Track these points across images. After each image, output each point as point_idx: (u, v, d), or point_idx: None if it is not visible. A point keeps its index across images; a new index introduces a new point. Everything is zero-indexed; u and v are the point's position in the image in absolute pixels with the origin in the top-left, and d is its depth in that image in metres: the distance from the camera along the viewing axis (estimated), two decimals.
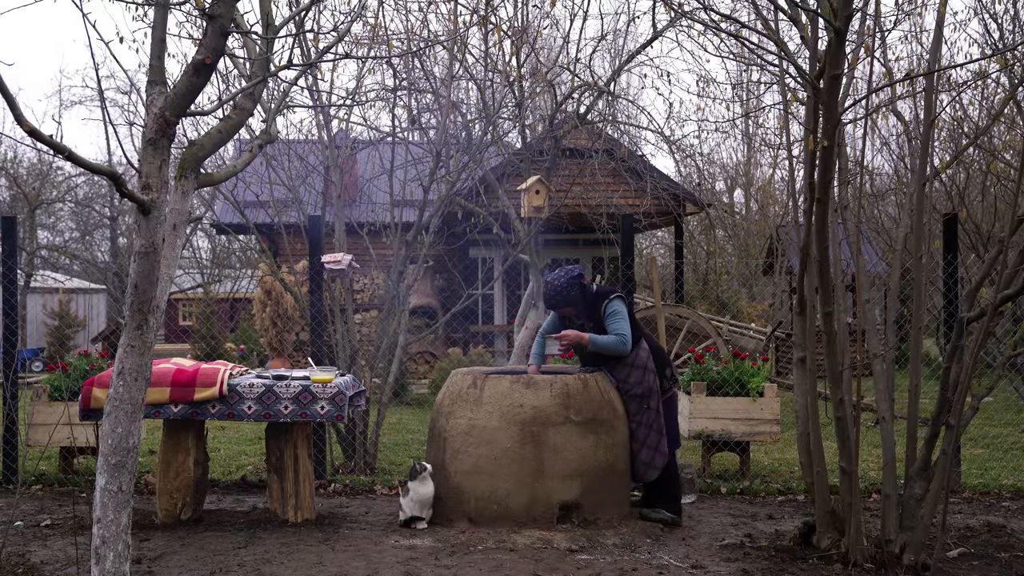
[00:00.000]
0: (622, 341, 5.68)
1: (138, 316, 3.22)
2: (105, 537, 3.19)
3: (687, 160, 20.56)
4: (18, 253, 7.64)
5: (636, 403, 5.72)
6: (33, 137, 2.79)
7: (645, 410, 5.72)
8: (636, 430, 5.73)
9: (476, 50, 9.10)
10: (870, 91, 4.95)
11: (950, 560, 4.88)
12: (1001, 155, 10.59)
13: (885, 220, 15.51)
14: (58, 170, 27.87)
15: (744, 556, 4.99)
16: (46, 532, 5.52)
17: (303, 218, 7.98)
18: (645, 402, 5.72)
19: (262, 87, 4.04)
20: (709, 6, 4.91)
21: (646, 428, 5.71)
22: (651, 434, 5.72)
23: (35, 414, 7.02)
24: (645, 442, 5.71)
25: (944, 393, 4.70)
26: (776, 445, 8.37)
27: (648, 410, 5.72)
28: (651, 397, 5.73)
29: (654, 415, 5.73)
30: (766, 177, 24.05)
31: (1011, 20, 10.12)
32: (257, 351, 16.10)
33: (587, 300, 5.84)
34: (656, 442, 5.72)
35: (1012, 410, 11.11)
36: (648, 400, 5.72)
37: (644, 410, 5.71)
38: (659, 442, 5.72)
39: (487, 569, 4.68)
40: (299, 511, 5.73)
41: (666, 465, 5.73)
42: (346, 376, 6.06)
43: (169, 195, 3.29)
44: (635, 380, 5.72)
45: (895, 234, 7.95)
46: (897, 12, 6.72)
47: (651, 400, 5.73)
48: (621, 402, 5.73)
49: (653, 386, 5.74)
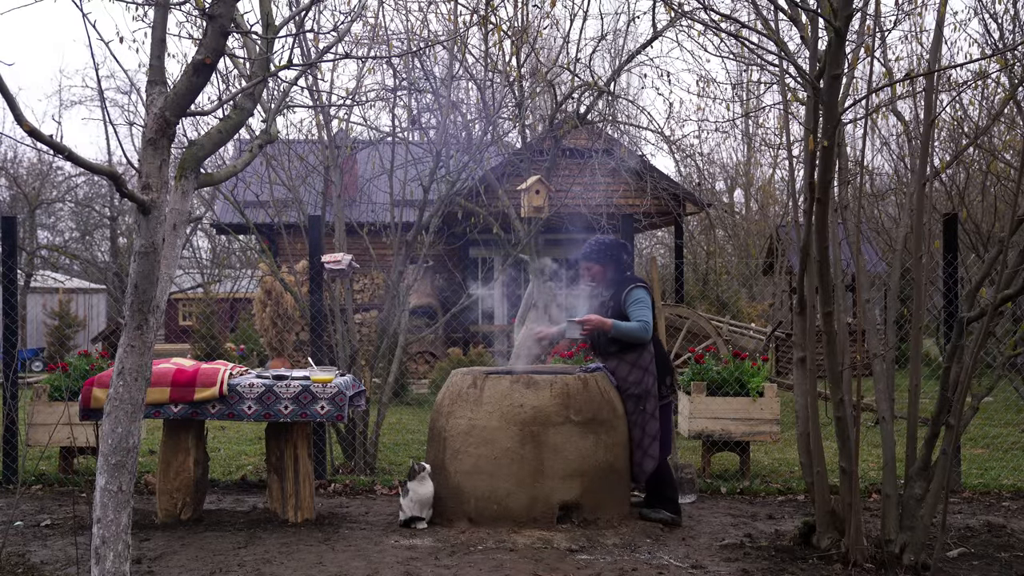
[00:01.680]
0: (644, 328, 5.63)
1: (138, 316, 3.22)
2: (105, 537, 3.19)
3: (687, 160, 20.56)
4: (18, 253, 7.64)
5: (632, 403, 5.71)
6: (33, 137, 2.79)
7: (640, 412, 5.70)
8: (630, 430, 5.72)
9: (476, 50, 9.11)
10: (870, 91, 4.95)
11: (950, 560, 4.88)
12: (1001, 155, 10.59)
13: (885, 220, 15.50)
14: (58, 170, 27.90)
15: (744, 556, 4.99)
16: (46, 532, 5.52)
17: (303, 218, 7.98)
18: (641, 403, 5.70)
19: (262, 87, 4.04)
20: (709, 6, 4.90)
21: (639, 430, 5.69)
22: (644, 437, 5.69)
23: (35, 414, 7.02)
24: (639, 444, 5.70)
25: (944, 393, 4.69)
26: (776, 445, 8.37)
27: (643, 412, 5.70)
28: (647, 399, 5.71)
29: (648, 418, 5.70)
30: (766, 177, 24.06)
31: (1011, 20, 10.12)
32: (257, 351, 16.12)
33: (619, 270, 5.84)
34: (648, 445, 5.69)
35: (1012, 410, 11.12)
36: (644, 402, 5.70)
37: (639, 411, 5.70)
38: (650, 446, 5.69)
39: (487, 569, 4.68)
40: (299, 511, 5.73)
41: (657, 469, 5.72)
42: (346, 376, 6.06)
43: (169, 195, 3.29)
44: (634, 380, 5.71)
45: (895, 234, 7.95)
46: (897, 12, 6.72)
47: (647, 403, 5.71)
48: (621, 402, 5.73)
49: (651, 389, 5.72)
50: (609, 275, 5.84)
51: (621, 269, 5.87)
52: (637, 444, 5.69)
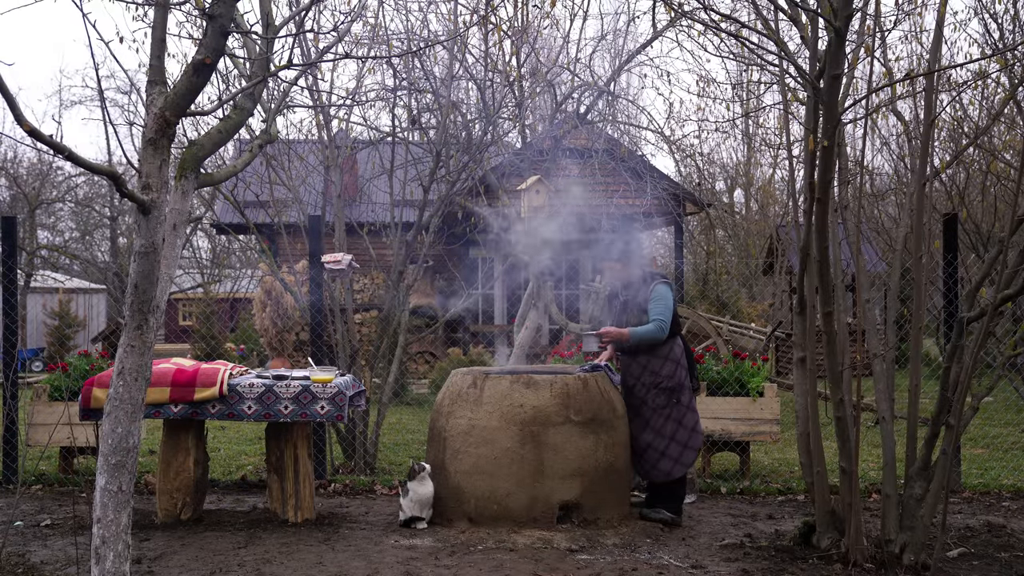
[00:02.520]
0: (660, 327, 5.68)
1: (138, 316, 3.22)
2: (105, 537, 3.19)
3: (687, 160, 20.57)
4: (18, 253, 7.64)
5: (665, 396, 5.70)
6: (33, 137, 2.79)
7: (675, 404, 5.70)
8: (663, 424, 5.70)
9: (476, 50, 9.10)
10: (870, 91, 4.95)
11: (950, 560, 4.88)
12: (1001, 155, 10.59)
13: (885, 220, 15.50)
14: (58, 170, 27.89)
15: (744, 556, 4.99)
16: (46, 532, 5.52)
17: (303, 218, 7.98)
18: (675, 396, 5.71)
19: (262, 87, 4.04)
20: (709, 6, 4.90)
21: (674, 423, 5.69)
22: (680, 429, 5.70)
23: (35, 414, 7.02)
24: (674, 437, 5.69)
25: (944, 393, 4.69)
26: (776, 445, 8.36)
27: (678, 404, 5.71)
28: (682, 392, 5.73)
29: (684, 410, 5.73)
30: (766, 177, 24.06)
31: (1011, 20, 10.13)
32: (257, 351, 16.11)
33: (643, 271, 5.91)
34: (686, 438, 5.70)
35: (1012, 410, 11.11)
36: (679, 394, 5.72)
37: (674, 404, 5.70)
38: (689, 438, 5.71)
39: (487, 569, 4.68)
40: (299, 511, 5.73)
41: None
42: (346, 376, 6.06)
43: (169, 195, 3.29)
44: (667, 373, 5.72)
45: (895, 234, 7.94)
46: (897, 12, 6.71)
47: (682, 395, 5.73)
48: (621, 402, 5.74)
49: (684, 382, 5.76)
50: (634, 269, 5.89)
51: (644, 267, 5.94)
52: (673, 438, 5.69)
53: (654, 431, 5.71)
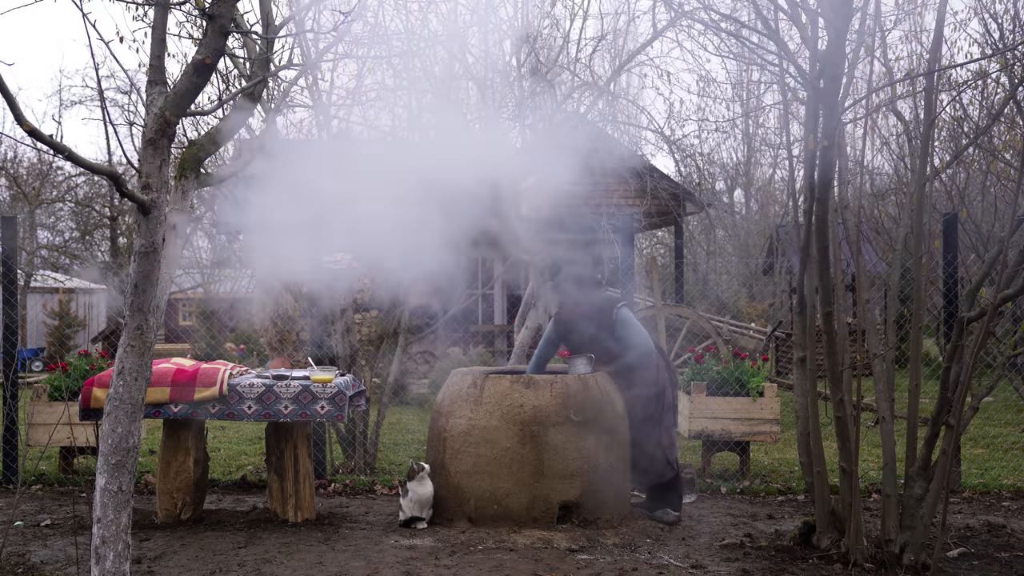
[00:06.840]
0: (646, 349, 5.74)
1: (138, 316, 3.22)
2: (105, 537, 3.19)
3: (687, 160, 20.56)
4: (18, 253, 7.64)
5: (654, 403, 5.76)
6: (33, 137, 2.79)
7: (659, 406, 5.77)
8: (653, 429, 5.74)
9: (476, 50, 9.10)
10: (870, 91, 4.96)
11: (950, 560, 4.88)
12: (1001, 155, 10.59)
13: (885, 220, 15.51)
14: (58, 170, 27.86)
15: (744, 556, 4.99)
16: (46, 532, 5.52)
17: None
18: (661, 399, 5.76)
19: (262, 87, 4.04)
20: (709, 6, 4.91)
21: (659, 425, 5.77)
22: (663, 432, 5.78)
23: (35, 414, 7.02)
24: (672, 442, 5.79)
25: (944, 393, 4.70)
26: (776, 445, 8.36)
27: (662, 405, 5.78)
28: (664, 393, 5.80)
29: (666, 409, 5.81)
30: (766, 177, 24.07)
31: (1011, 20, 10.13)
32: (257, 351, 16.10)
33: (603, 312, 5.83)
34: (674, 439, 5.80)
35: (1012, 410, 11.11)
36: (663, 396, 5.79)
37: (660, 406, 5.77)
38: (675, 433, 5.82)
39: (487, 569, 4.68)
40: (299, 511, 5.73)
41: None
42: (346, 376, 6.06)
43: (169, 195, 3.29)
44: (650, 379, 5.76)
45: (895, 234, 7.95)
46: (897, 12, 6.72)
47: (665, 395, 5.81)
48: (622, 402, 5.74)
49: (663, 382, 5.81)
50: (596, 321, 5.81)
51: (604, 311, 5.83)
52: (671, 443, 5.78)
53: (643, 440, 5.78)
